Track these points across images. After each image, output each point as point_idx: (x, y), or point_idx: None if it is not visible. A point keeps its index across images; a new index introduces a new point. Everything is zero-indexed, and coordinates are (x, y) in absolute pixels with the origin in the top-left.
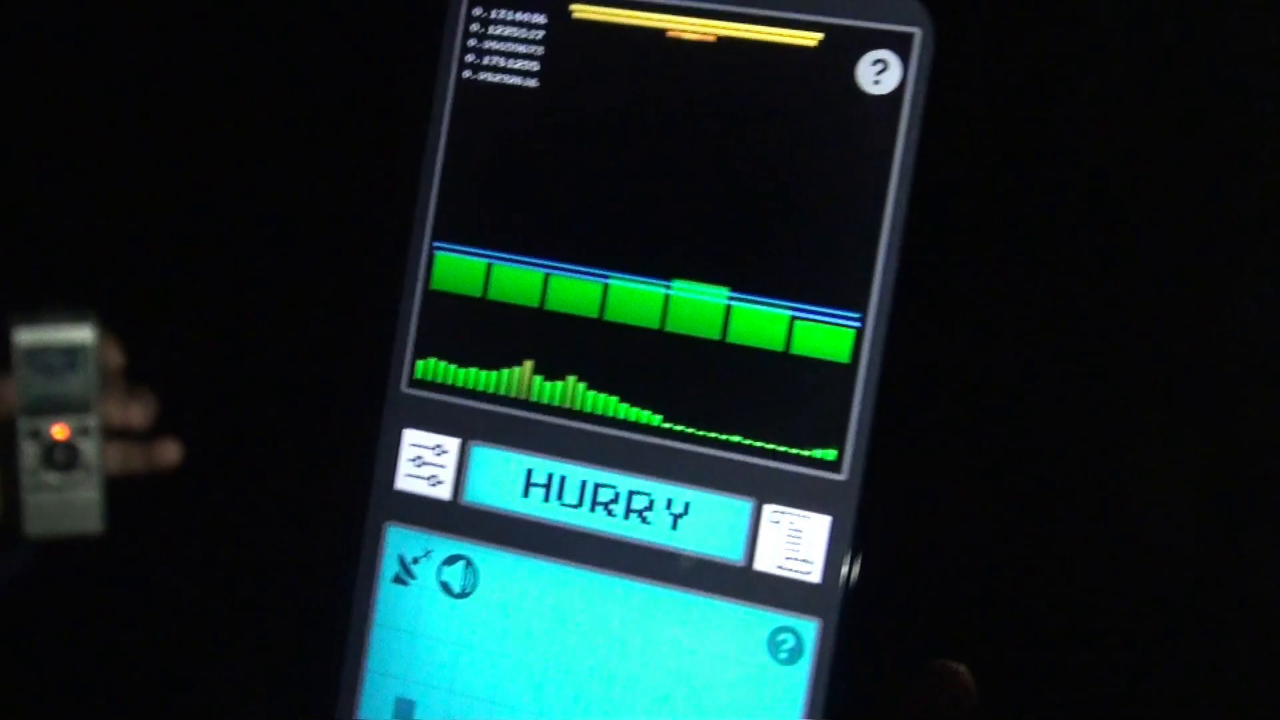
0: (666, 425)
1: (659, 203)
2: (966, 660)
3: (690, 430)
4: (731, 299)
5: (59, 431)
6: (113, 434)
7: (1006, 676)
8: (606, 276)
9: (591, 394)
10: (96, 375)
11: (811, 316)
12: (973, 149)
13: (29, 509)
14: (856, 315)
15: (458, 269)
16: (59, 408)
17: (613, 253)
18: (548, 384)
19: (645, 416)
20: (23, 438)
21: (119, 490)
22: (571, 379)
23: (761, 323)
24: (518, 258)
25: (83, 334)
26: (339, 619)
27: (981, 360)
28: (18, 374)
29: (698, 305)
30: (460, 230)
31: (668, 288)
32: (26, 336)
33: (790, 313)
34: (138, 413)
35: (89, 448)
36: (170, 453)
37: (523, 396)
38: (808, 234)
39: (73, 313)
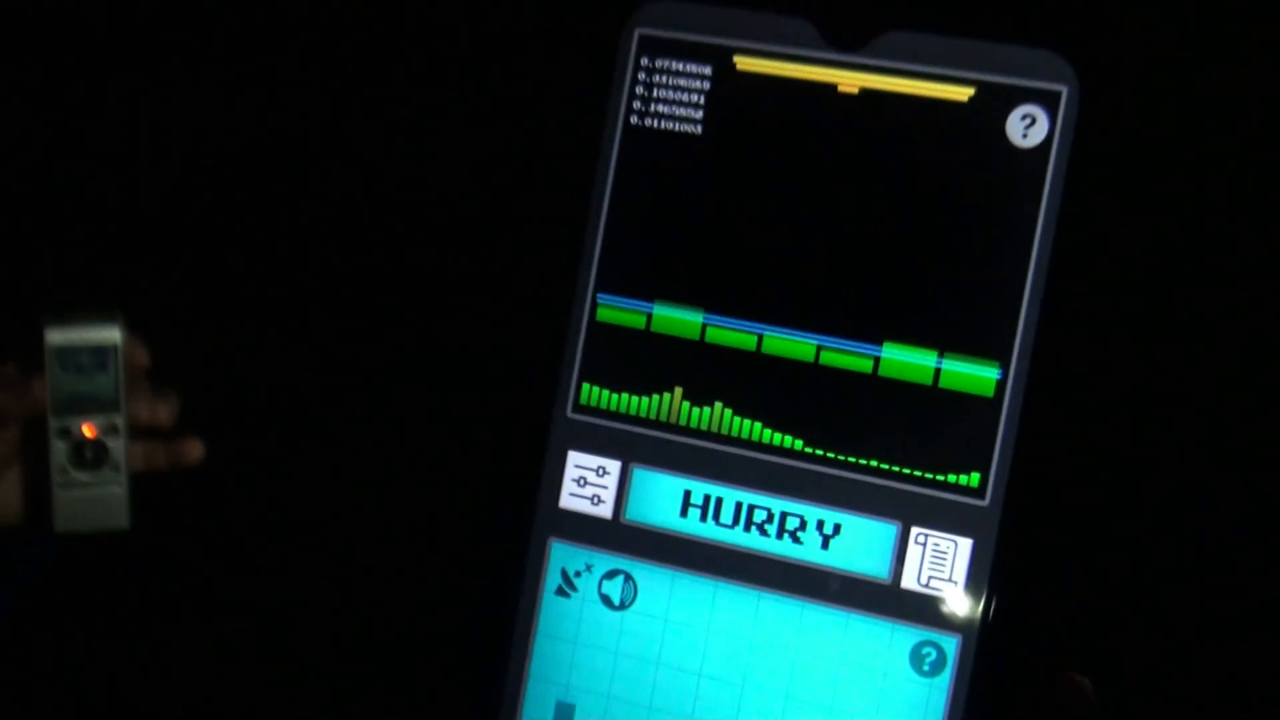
0: (809, 450)
1: (813, 256)
2: (1099, 676)
3: (832, 455)
4: (880, 356)
5: (88, 430)
6: (142, 432)
7: (1138, 694)
8: (761, 329)
9: (738, 420)
10: (125, 374)
11: (956, 366)
12: (1117, 202)
13: (59, 505)
14: (1000, 368)
15: (620, 309)
16: (88, 406)
17: (767, 308)
18: (695, 409)
19: (788, 441)
20: (53, 436)
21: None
22: (719, 405)
23: (908, 366)
24: (676, 309)
25: (111, 334)
26: (504, 627)
27: (1123, 394)
28: (48, 373)
29: (847, 355)
30: (622, 280)
31: (819, 341)
32: (57, 337)
33: (935, 363)
34: (164, 411)
35: (117, 446)
36: (194, 451)
37: (674, 421)
38: (956, 289)
39: (101, 313)
